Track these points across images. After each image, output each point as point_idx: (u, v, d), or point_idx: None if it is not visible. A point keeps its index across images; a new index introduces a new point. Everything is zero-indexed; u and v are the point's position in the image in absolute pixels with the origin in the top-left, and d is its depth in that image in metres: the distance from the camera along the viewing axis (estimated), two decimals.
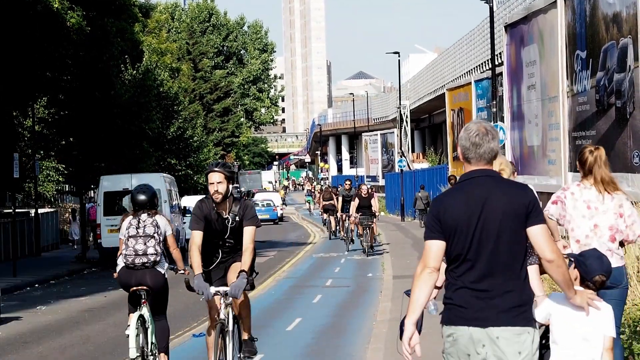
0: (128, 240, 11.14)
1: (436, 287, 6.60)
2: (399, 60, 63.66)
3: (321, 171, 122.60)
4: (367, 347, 13.97)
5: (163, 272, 11.29)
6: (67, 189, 49.85)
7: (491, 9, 30.71)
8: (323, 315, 18.41)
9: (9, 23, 29.81)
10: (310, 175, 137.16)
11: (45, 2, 29.86)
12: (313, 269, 28.13)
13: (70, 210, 44.24)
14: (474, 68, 49.50)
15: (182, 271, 11.51)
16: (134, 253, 11.11)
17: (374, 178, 75.31)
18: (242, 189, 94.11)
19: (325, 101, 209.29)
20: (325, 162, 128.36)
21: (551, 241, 5.98)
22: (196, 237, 10.15)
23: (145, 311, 11.12)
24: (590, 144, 10.32)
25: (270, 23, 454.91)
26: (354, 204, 32.42)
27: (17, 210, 37.67)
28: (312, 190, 76.49)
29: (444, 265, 6.14)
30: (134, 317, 11.03)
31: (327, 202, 43.62)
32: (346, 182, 36.49)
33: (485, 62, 45.63)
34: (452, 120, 42.53)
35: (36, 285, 28.07)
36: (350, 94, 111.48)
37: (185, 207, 41.71)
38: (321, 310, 19.30)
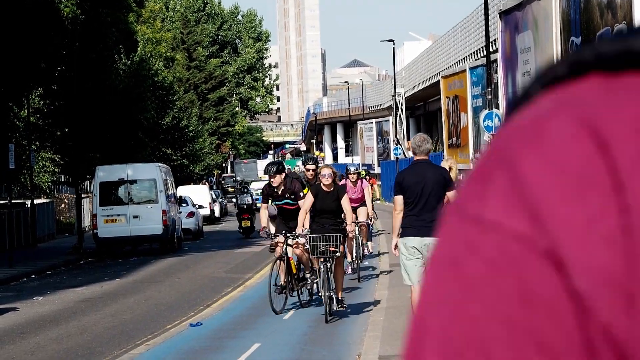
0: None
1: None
2: (393, 48, 63.61)
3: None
4: (364, 334, 13.99)
5: None
6: (62, 180, 49.78)
7: None
8: (320, 303, 18.39)
9: (3, 13, 29.72)
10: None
11: None
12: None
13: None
14: (469, 55, 49.44)
15: None
16: None
17: (369, 166, 75.31)
18: (238, 178, 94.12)
19: (320, 90, 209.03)
20: (321, 150, 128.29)
21: None
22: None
23: None
24: None
25: (264, 12, 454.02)
26: (304, 206, 15.57)
27: (13, 202, 37.64)
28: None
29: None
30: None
31: None
32: (307, 168, 17.90)
33: (479, 49, 45.59)
34: (447, 108, 42.45)
35: (32, 276, 28.04)
36: (345, 82, 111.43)
37: (181, 196, 41.59)
38: (318, 298, 19.29)
